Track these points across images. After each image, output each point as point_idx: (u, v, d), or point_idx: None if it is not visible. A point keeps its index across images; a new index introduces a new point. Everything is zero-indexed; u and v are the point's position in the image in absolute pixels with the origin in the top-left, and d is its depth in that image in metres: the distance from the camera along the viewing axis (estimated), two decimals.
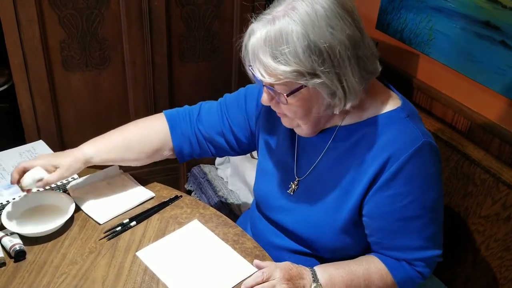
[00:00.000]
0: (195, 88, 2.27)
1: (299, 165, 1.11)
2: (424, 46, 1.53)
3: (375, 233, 1.03)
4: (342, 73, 0.90)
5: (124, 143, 1.19)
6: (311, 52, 0.87)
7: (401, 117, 0.99)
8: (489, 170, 1.22)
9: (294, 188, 1.11)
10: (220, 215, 1.19)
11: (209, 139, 1.23)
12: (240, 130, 1.21)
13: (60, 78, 2.01)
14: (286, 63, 0.88)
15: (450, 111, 1.47)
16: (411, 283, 1.04)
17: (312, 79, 0.89)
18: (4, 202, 1.14)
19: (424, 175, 0.97)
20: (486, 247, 1.22)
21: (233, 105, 1.22)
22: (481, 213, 1.24)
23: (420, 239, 1.00)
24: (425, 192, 0.98)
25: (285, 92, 0.92)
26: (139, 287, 0.98)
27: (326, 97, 0.92)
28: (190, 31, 2.13)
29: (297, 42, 0.86)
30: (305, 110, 0.96)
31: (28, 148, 1.35)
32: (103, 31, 1.98)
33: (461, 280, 1.29)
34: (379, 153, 0.97)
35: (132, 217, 1.15)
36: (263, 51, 0.89)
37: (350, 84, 0.91)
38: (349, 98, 0.93)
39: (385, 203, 0.98)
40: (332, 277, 1.00)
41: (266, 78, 0.91)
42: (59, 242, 1.07)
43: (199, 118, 1.24)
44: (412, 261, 1.02)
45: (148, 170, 2.30)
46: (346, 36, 0.88)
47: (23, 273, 0.99)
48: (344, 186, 1.02)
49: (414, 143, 0.96)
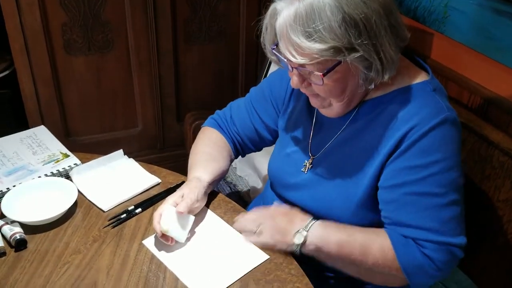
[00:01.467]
0: (201, 71, 2.23)
1: (315, 142, 1.08)
2: (439, 24, 1.47)
3: (385, 206, 0.97)
4: (379, 43, 0.87)
5: (207, 158, 1.17)
6: (347, 25, 0.83)
7: (427, 90, 0.95)
8: (508, 152, 1.17)
9: (308, 167, 1.07)
10: (229, 201, 1.15)
11: (246, 137, 1.24)
12: (272, 121, 1.20)
13: (63, 62, 1.97)
14: (322, 41, 0.83)
15: (466, 91, 1.42)
16: (418, 268, 0.93)
17: (350, 54, 0.85)
18: (4, 189, 1.11)
19: (444, 150, 0.92)
20: (505, 232, 1.18)
21: (259, 98, 1.21)
22: (500, 197, 1.19)
23: (434, 220, 0.92)
24: (445, 170, 0.92)
25: (321, 72, 0.88)
26: (146, 276, 0.94)
27: (363, 70, 0.89)
28: (195, 12, 2.07)
29: (331, 16, 0.82)
30: (341, 88, 0.92)
31: (29, 134, 1.31)
32: (106, 13, 1.93)
33: (479, 267, 1.25)
34: (401, 124, 0.93)
35: (137, 204, 1.12)
36: (294, 31, 0.85)
37: (388, 54, 0.88)
38: (386, 69, 0.90)
39: (399, 174, 0.93)
40: (325, 232, 0.97)
41: (298, 59, 0.87)
42: (61, 230, 1.04)
43: (232, 121, 1.24)
44: (420, 241, 0.93)
45: (156, 156, 2.28)
46: (379, 4, 0.85)
47: (24, 263, 0.96)
48: (362, 160, 0.98)
49: (438, 115, 0.91)
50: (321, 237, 0.97)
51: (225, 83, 2.31)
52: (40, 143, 1.28)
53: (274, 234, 0.99)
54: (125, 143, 2.19)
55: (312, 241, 0.97)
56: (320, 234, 0.97)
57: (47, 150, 1.25)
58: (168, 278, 0.94)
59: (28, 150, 1.25)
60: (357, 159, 0.99)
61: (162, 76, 2.14)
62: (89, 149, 1.57)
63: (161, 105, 2.21)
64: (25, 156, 1.22)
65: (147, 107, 2.19)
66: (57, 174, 1.17)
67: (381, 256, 0.94)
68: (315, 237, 0.96)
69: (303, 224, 0.99)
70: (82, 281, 0.93)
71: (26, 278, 0.93)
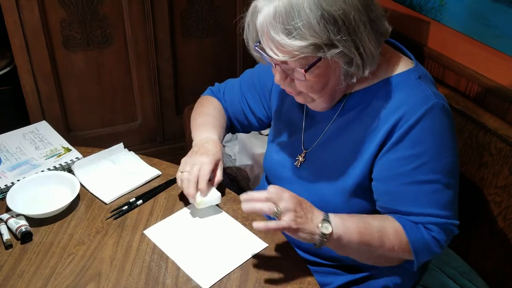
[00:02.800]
0: (199, 64, 2.23)
1: (307, 136, 1.09)
2: (435, 12, 1.47)
3: (381, 197, 0.99)
4: (359, 39, 0.87)
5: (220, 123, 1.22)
6: (325, 22, 0.83)
7: (412, 79, 0.96)
8: (506, 139, 1.18)
9: (301, 161, 1.08)
10: (229, 192, 1.16)
11: (234, 117, 1.26)
12: (259, 109, 1.22)
13: (62, 58, 1.98)
14: (302, 38, 0.84)
15: (463, 79, 1.43)
16: (425, 249, 0.96)
17: (329, 50, 0.85)
18: (9, 183, 1.12)
19: (435, 137, 0.93)
20: (503, 218, 1.19)
21: (249, 84, 1.22)
22: (498, 184, 1.20)
23: (433, 205, 0.94)
24: (437, 156, 0.93)
25: (302, 68, 0.88)
26: (148, 266, 0.96)
27: (343, 66, 0.89)
28: (192, 5, 2.08)
29: (310, 13, 0.83)
30: (322, 83, 0.93)
31: (32, 129, 1.33)
32: (103, 8, 1.94)
33: (477, 253, 1.26)
34: (389, 115, 0.94)
35: (139, 195, 1.13)
36: (274, 28, 0.85)
37: (368, 50, 0.88)
38: (367, 64, 0.90)
39: (393, 165, 0.94)
40: (344, 221, 0.91)
41: (280, 56, 0.87)
42: (65, 222, 1.06)
43: (224, 98, 1.26)
44: (426, 224, 0.95)
45: (156, 149, 2.29)
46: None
47: (30, 255, 0.98)
48: (352, 151, 0.99)
49: (425, 103, 0.92)
50: (343, 226, 0.91)
51: (223, 76, 2.30)
52: (42, 138, 1.29)
53: (297, 219, 0.88)
54: (125, 136, 2.20)
55: (337, 231, 0.90)
56: (341, 224, 0.91)
57: (49, 144, 1.27)
58: (170, 268, 0.96)
59: (31, 145, 1.26)
60: (348, 151, 1.00)
61: (160, 69, 2.14)
62: (89, 144, 1.58)
63: (160, 98, 2.22)
64: (28, 151, 1.24)
65: (146, 100, 2.20)
66: (60, 168, 1.19)
67: (397, 241, 0.94)
68: (338, 227, 0.91)
69: (321, 215, 0.92)
70: (86, 271, 0.94)
71: (33, 269, 0.95)
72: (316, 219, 0.90)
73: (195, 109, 1.26)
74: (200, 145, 1.12)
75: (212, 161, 1.07)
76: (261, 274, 0.95)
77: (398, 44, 1.03)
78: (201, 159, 1.07)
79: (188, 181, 1.04)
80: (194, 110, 1.27)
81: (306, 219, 0.89)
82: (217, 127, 1.19)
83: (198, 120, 1.21)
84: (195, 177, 1.04)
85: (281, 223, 0.87)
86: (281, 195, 0.89)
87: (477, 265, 1.25)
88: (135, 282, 0.92)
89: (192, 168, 1.06)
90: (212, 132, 1.16)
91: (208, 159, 1.07)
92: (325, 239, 0.89)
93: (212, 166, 1.07)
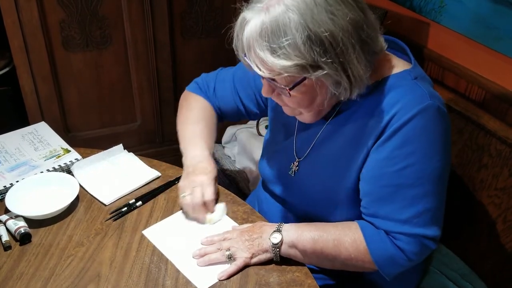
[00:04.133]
0: (198, 65, 2.23)
1: (299, 144, 1.07)
2: (435, 14, 1.48)
3: (363, 197, 0.96)
4: (347, 61, 0.83)
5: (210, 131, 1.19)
6: (311, 43, 0.80)
7: (407, 79, 0.93)
8: (506, 141, 1.18)
9: (295, 170, 1.07)
10: (229, 193, 1.16)
11: (226, 111, 1.23)
12: (251, 103, 1.20)
13: (61, 59, 1.97)
14: (286, 57, 0.81)
15: (463, 81, 1.43)
16: (389, 260, 0.92)
17: (315, 72, 0.83)
18: (7, 185, 1.12)
19: (425, 140, 0.89)
20: (503, 220, 1.19)
21: (244, 83, 1.19)
22: (497, 185, 1.20)
23: (408, 211, 0.90)
24: (425, 160, 0.89)
25: (287, 86, 0.87)
26: (148, 268, 0.96)
27: (330, 87, 0.87)
28: (192, 6, 2.07)
29: (296, 33, 0.80)
30: (309, 100, 0.91)
31: (31, 130, 1.32)
32: (102, 9, 1.93)
33: (477, 254, 1.26)
34: (384, 113, 0.91)
35: (138, 197, 1.13)
36: (259, 45, 0.83)
37: (356, 72, 0.85)
38: (355, 87, 0.87)
39: (378, 165, 0.92)
40: (300, 229, 0.96)
41: (265, 72, 0.85)
42: (64, 224, 1.05)
43: (215, 94, 1.22)
44: (393, 233, 0.92)
45: (155, 150, 2.29)
46: (349, 20, 0.81)
47: (29, 256, 0.97)
48: (346, 153, 0.97)
49: (419, 103, 0.88)
50: (296, 234, 0.95)
51: None
52: (41, 139, 1.29)
53: (249, 247, 0.96)
54: (124, 137, 2.19)
55: (289, 239, 0.95)
56: (294, 231, 0.96)
57: (48, 145, 1.26)
58: (169, 269, 0.95)
59: (30, 146, 1.26)
60: (342, 154, 0.98)
61: (160, 70, 2.14)
62: (89, 145, 1.58)
63: (159, 99, 2.21)
64: (27, 152, 1.23)
65: (145, 101, 2.20)
66: (59, 169, 1.18)
67: (353, 250, 0.93)
68: (291, 235, 0.95)
69: (273, 228, 0.97)
70: (86, 273, 0.94)
71: (32, 270, 0.94)
72: (266, 234, 0.97)
73: (181, 112, 1.22)
74: (194, 164, 1.09)
75: (212, 180, 1.06)
76: (261, 276, 0.95)
77: (401, 43, 1.00)
78: (200, 179, 1.05)
79: (193, 207, 1.04)
80: (179, 111, 1.23)
81: (258, 239, 0.96)
82: (207, 138, 1.16)
83: (186, 131, 1.17)
84: (200, 201, 1.03)
85: (237, 261, 0.95)
86: (223, 236, 0.99)
87: (477, 267, 1.24)
88: (135, 284, 0.92)
89: (194, 191, 1.04)
90: (203, 148, 1.13)
91: (208, 179, 1.06)
92: (277, 248, 0.95)
93: (213, 185, 1.06)
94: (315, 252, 0.95)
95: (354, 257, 0.93)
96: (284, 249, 0.95)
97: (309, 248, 0.94)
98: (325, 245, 0.94)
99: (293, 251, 0.96)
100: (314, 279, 0.95)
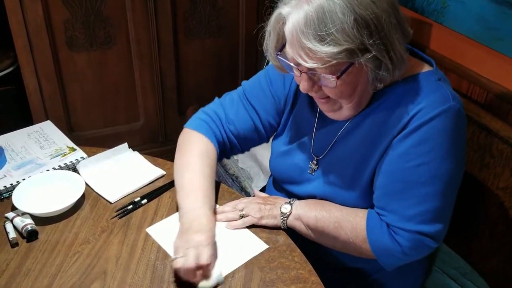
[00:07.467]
0: (202, 65, 2.24)
1: (318, 140, 1.08)
2: (437, 14, 1.48)
3: (375, 190, 0.98)
4: (389, 42, 0.86)
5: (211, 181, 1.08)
6: (359, 26, 0.82)
7: (432, 80, 0.95)
8: (508, 141, 1.18)
9: (314, 168, 1.08)
10: (232, 192, 1.17)
11: (244, 135, 1.15)
12: (269, 116, 1.14)
13: (65, 58, 1.98)
14: (336, 43, 0.82)
15: (465, 81, 1.43)
16: (386, 251, 0.95)
17: (363, 55, 0.84)
18: (14, 182, 1.13)
19: (442, 140, 0.91)
20: (505, 220, 1.20)
21: (257, 93, 1.14)
22: (499, 185, 1.21)
23: (415, 208, 0.92)
24: (440, 160, 0.91)
25: (333, 74, 0.86)
26: (153, 265, 0.97)
27: (374, 70, 0.87)
28: (195, 7, 2.09)
29: (343, 18, 0.81)
30: (351, 88, 0.91)
31: (36, 129, 1.33)
32: (107, 9, 1.94)
33: (479, 254, 1.27)
34: (407, 110, 0.92)
35: (143, 195, 1.14)
36: (305, 35, 0.83)
37: (398, 52, 0.88)
38: (396, 66, 0.89)
39: (394, 161, 0.94)
40: (307, 206, 1.05)
41: (310, 63, 0.85)
42: (70, 221, 1.06)
43: (228, 120, 1.14)
44: (394, 227, 0.94)
45: (158, 149, 2.30)
46: (387, 2, 0.85)
47: (36, 253, 0.98)
48: (367, 149, 0.98)
49: (442, 103, 0.90)
50: (303, 210, 1.04)
51: (225, 77, 2.33)
52: (47, 138, 1.30)
53: (261, 209, 1.06)
54: (127, 137, 2.20)
55: (296, 212, 1.04)
56: (302, 207, 1.05)
57: (54, 144, 1.27)
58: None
59: (36, 145, 1.27)
60: (361, 150, 0.99)
61: (163, 70, 2.15)
62: (92, 144, 1.58)
63: (162, 98, 2.23)
64: (33, 151, 1.25)
65: (148, 101, 2.21)
66: (65, 168, 1.20)
67: (352, 235, 0.98)
68: (299, 210, 1.04)
69: (286, 200, 1.08)
70: (92, 269, 0.95)
71: (39, 267, 0.95)
72: (278, 204, 1.07)
73: (180, 154, 1.11)
74: (191, 220, 0.97)
75: (210, 241, 0.94)
76: (265, 273, 0.96)
77: (417, 50, 1.02)
78: (196, 239, 0.92)
79: (185, 272, 0.89)
80: (178, 153, 1.12)
81: (271, 206, 1.06)
82: (207, 190, 1.04)
83: (184, 180, 1.05)
84: (192, 265, 0.88)
85: (246, 218, 1.05)
86: (240, 200, 1.09)
87: (479, 266, 1.25)
88: (141, 280, 0.93)
89: (187, 253, 0.89)
90: (203, 202, 1.01)
91: (206, 239, 0.93)
92: (285, 218, 1.04)
93: (211, 247, 0.93)
94: (317, 229, 1.03)
95: (352, 242, 0.99)
96: (290, 220, 1.05)
97: (311, 224, 1.03)
98: (326, 225, 1.01)
99: (298, 224, 1.05)
100: (317, 277, 0.95)
